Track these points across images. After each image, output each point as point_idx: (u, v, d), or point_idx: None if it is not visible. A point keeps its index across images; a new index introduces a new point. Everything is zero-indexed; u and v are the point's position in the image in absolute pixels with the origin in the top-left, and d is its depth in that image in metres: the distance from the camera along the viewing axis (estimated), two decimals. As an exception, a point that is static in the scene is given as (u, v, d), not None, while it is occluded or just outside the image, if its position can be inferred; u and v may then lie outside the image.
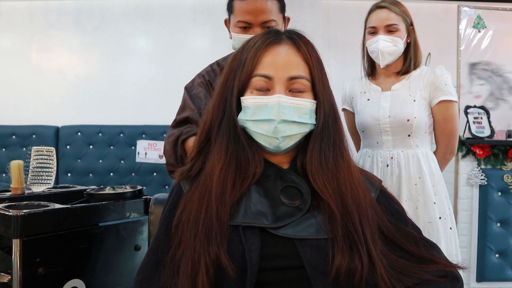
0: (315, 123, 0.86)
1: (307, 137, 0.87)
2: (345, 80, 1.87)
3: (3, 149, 3.15)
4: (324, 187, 0.82)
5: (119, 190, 1.53)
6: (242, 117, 0.85)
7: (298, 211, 0.81)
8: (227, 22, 1.52)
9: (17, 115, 3.21)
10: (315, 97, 0.86)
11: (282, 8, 1.45)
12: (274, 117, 0.81)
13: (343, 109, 1.84)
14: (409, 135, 1.62)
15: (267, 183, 0.85)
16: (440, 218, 1.59)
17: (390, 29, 1.61)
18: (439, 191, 1.62)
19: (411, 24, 1.67)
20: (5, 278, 1.20)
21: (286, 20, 1.50)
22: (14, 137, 3.15)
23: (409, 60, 1.67)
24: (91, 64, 3.31)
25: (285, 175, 0.86)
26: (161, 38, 3.32)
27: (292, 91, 0.84)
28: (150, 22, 3.29)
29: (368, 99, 1.71)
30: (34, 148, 1.58)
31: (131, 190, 1.54)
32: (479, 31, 3.03)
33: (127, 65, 3.29)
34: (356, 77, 1.83)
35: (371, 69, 1.76)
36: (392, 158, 1.64)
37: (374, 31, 1.64)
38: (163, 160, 3.22)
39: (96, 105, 3.26)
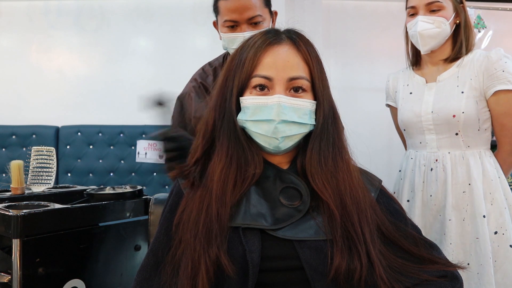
0: (314, 123, 0.86)
1: (307, 138, 0.87)
2: (345, 79, 1.84)
3: (3, 149, 3.15)
4: (323, 187, 0.82)
5: (119, 190, 1.53)
6: (241, 117, 0.85)
7: (297, 212, 0.81)
8: (215, 24, 1.52)
9: (17, 115, 3.21)
10: (315, 98, 0.86)
11: (267, 2, 1.43)
12: (274, 117, 0.81)
13: (387, 105, 1.66)
14: (457, 134, 1.38)
15: (267, 184, 0.85)
16: (495, 233, 1.33)
17: (432, 8, 1.38)
18: (498, 200, 1.35)
19: (461, 2, 1.42)
20: (5, 278, 1.20)
21: (273, 14, 1.47)
22: (14, 137, 3.15)
23: (459, 44, 1.42)
24: (91, 64, 3.31)
25: (285, 176, 0.86)
26: (161, 38, 3.32)
27: (292, 92, 0.84)
28: (150, 22, 3.29)
29: (411, 93, 1.49)
30: (34, 148, 1.58)
31: (131, 190, 1.54)
32: (479, 31, 3.03)
33: (127, 65, 3.29)
34: (402, 67, 1.61)
35: (416, 58, 1.53)
36: (437, 160, 1.40)
37: (414, 12, 1.42)
38: (163, 160, 3.22)
39: (96, 105, 3.26)
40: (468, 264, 1.32)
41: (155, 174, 3.12)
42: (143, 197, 1.56)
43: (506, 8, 3.07)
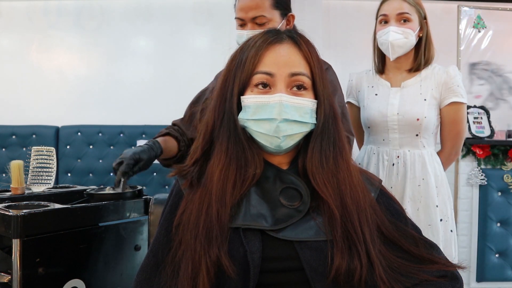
0: (315, 122, 0.86)
1: (307, 137, 0.87)
2: (345, 79, 1.85)
3: (3, 149, 3.15)
4: (324, 186, 0.82)
5: (119, 190, 1.53)
6: (242, 116, 0.85)
7: (297, 212, 0.81)
8: None
9: (17, 115, 3.21)
10: (315, 97, 0.86)
11: (277, 5, 1.45)
12: (276, 116, 0.81)
13: (347, 102, 1.76)
14: (417, 135, 1.58)
15: (267, 184, 0.84)
16: (441, 220, 1.56)
17: (402, 18, 1.55)
18: (442, 193, 1.58)
19: (425, 18, 1.60)
20: (5, 278, 1.20)
21: (288, 17, 1.49)
22: (14, 137, 3.15)
23: (420, 55, 1.60)
24: (91, 64, 3.31)
25: (285, 176, 0.85)
26: (161, 38, 3.32)
27: (294, 89, 0.84)
28: (150, 22, 3.29)
29: (376, 94, 1.65)
30: (34, 148, 1.58)
31: (131, 190, 1.53)
32: (479, 31, 3.03)
33: (127, 65, 3.29)
34: (363, 69, 1.76)
35: (382, 64, 1.69)
36: (398, 157, 1.59)
37: (385, 20, 1.58)
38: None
39: (96, 105, 3.26)
40: None
41: (155, 174, 3.12)
42: (143, 197, 1.55)
43: (506, 8, 3.07)
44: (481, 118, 2.87)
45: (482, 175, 2.74)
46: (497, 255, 2.75)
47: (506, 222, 2.75)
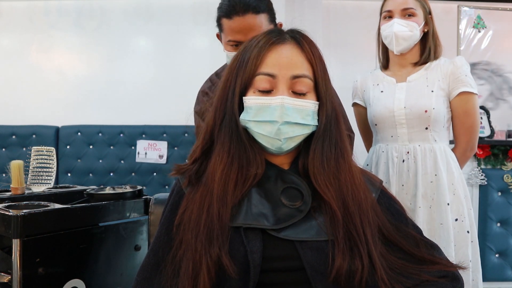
0: (317, 124, 0.85)
1: (308, 138, 0.86)
2: (345, 79, 1.85)
3: (3, 149, 3.15)
4: (326, 188, 0.82)
5: (119, 190, 1.53)
6: (244, 117, 0.84)
7: (298, 212, 0.81)
8: (218, 36, 1.49)
9: (17, 115, 3.21)
10: (318, 98, 0.86)
11: (272, 18, 1.41)
12: (277, 118, 0.81)
13: (354, 103, 1.76)
14: (426, 128, 1.52)
15: (268, 184, 0.84)
16: (456, 220, 1.49)
17: (407, 13, 1.53)
18: (458, 190, 1.51)
19: (430, 13, 1.58)
20: (5, 278, 1.20)
21: (278, 26, 1.48)
22: (14, 137, 3.15)
23: (428, 50, 1.57)
24: (91, 64, 3.31)
25: (286, 176, 0.85)
26: (161, 38, 3.32)
27: (295, 93, 0.83)
28: (150, 22, 3.29)
29: (382, 91, 1.61)
30: (34, 148, 1.58)
31: (131, 190, 1.54)
32: (479, 31, 3.03)
33: (127, 65, 3.29)
34: (368, 69, 1.74)
35: (386, 61, 1.67)
36: (408, 152, 1.53)
37: (389, 15, 1.56)
38: (163, 160, 3.22)
39: (96, 105, 3.26)
40: None
41: (155, 174, 3.12)
42: (143, 197, 1.55)
43: (506, 8, 3.07)
44: (481, 118, 2.87)
45: (482, 175, 2.74)
46: (497, 255, 2.75)
47: (506, 222, 2.75)
